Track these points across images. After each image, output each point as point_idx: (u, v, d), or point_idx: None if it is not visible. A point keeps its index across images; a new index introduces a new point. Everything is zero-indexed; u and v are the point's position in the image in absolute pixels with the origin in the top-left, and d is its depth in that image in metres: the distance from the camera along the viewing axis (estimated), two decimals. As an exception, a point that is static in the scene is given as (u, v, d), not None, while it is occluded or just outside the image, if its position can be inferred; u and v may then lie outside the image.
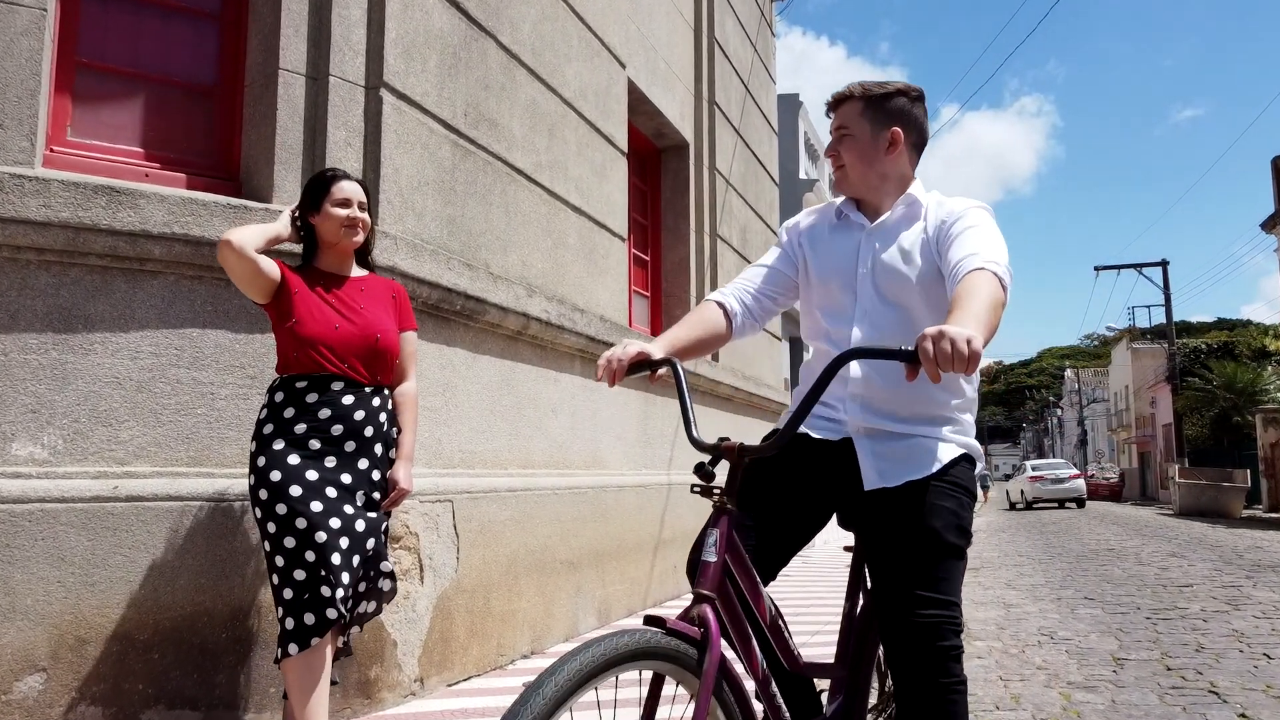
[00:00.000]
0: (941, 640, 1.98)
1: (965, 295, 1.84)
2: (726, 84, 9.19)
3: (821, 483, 2.23)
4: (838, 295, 2.22)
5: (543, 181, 5.36)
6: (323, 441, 2.86)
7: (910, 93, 2.24)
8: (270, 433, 2.85)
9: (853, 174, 2.24)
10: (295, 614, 2.75)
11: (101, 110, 3.62)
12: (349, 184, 3.05)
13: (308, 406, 2.87)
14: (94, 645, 3.03)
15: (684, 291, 8.17)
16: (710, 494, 1.92)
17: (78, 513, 3.05)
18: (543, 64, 5.41)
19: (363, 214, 3.04)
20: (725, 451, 1.92)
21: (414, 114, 4.18)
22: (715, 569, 1.85)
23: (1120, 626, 6.20)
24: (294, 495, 2.76)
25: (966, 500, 2.14)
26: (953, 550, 2.06)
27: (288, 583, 2.76)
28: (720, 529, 1.89)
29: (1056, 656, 5.25)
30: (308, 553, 2.73)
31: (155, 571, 3.15)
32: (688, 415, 1.98)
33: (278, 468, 2.79)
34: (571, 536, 5.29)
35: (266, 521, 2.78)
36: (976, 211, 2.13)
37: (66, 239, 3.13)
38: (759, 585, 2.06)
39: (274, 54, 3.78)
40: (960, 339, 1.62)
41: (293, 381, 2.90)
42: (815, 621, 5.90)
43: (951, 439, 2.16)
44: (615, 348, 2.12)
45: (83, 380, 3.16)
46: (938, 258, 2.11)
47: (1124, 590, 8.20)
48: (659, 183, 8.37)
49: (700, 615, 1.77)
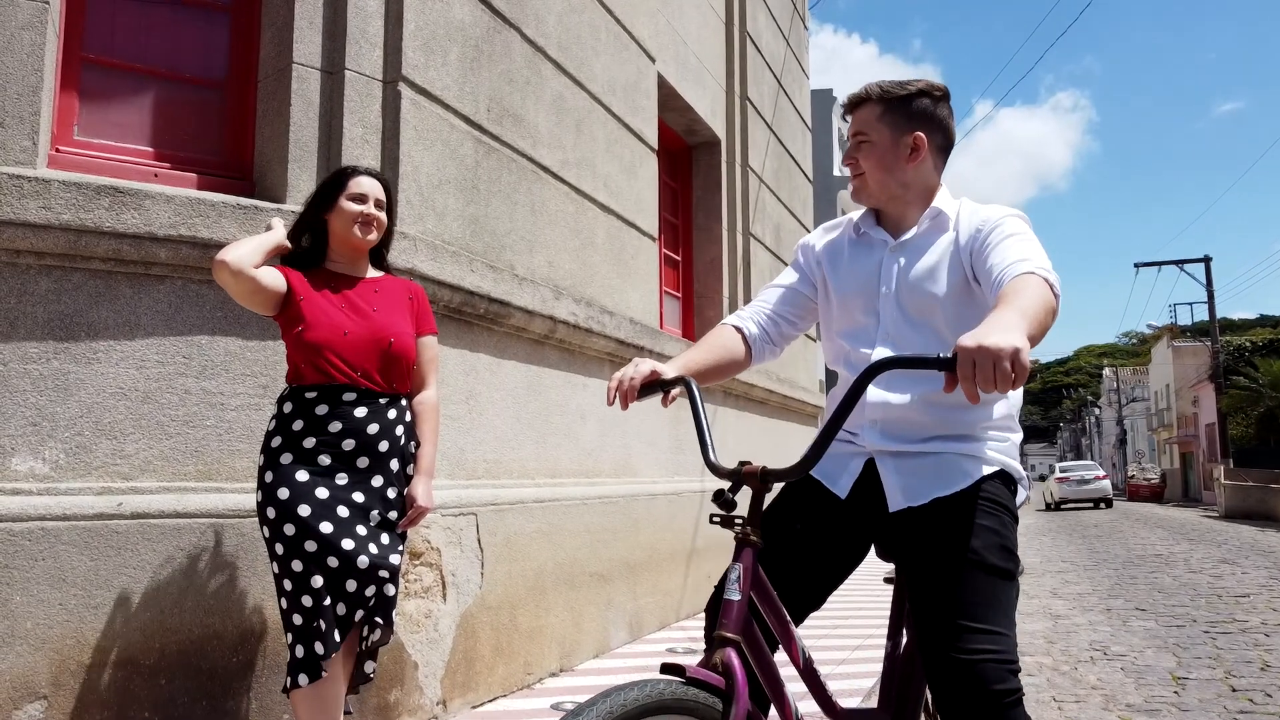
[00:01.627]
0: (994, 682, 1.74)
1: (1013, 292, 1.66)
2: (759, 78, 8.96)
3: (851, 510, 2.03)
4: (859, 316, 2.06)
5: (570, 179, 5.16)
6: (333, 457, 2.67)
7: (934, 92, 2.05)
8: (278, 447, 2.67)
9: (872, 182, 2.07)
10: (305, 642, 2.58)
11: (109, 108, 3.47)
12: (367, 179, 2.86)
13: (317, 419, 2.68)
14: (97, 671, 2.87)
15: (716, 292, 7.95)
16: (731, 525, 1.74)
17: (80, 531, 2.89)
18: (569, 57, 5.22)
19: (379, 212, 2.85)
20: (746, 477, 1.74)
21: (434, 109, 4.01)
22: (739, 608, 1.67)
23: (1177, 641, 5.91)
24: (303, 515, 2.58)
25: (1008, 520, 1.92)
26: (998, 572, 1.84)
27: (296, 608, 2.59)
28: (744, 563, 1.71)
29: (1112, 675, 4.98)
30: (316, 577, 2.56)
31: (162, 592, 2.99)
32: (704, 438, 1.83)
33: (286, 485, 2.61)
34: (601, 548, 5.09)
35: (274, 542, 2.60)
36: (1015, 220, 1.95)
37: (68, 242, 2.97)
38: (790, 626, 1.86)
39: (287, 47, 3.62)
40: (1003, 354, 1.42)
41: (302, 392, 2.71)
42: (843, 648, 5.68)
43: (986, 455, 1.96)
44: (626, 367, 1.96)
45: (85, 391, 3.00)
46: (970, 270, 1.94)
47: (1177, 601, 7.88)
48: (690, 180, 8.16)
49: (724, 661, 1.60)
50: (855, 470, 2.00)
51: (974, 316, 1.91)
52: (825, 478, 2.04)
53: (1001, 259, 1.82)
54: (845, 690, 4.18)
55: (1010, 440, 2.02)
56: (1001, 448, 1.98)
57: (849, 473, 2.01)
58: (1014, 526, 1.93)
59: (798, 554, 2.01)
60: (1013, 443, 2.02)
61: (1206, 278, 32.41)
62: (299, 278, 2.77)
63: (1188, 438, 42.77)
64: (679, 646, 5.29)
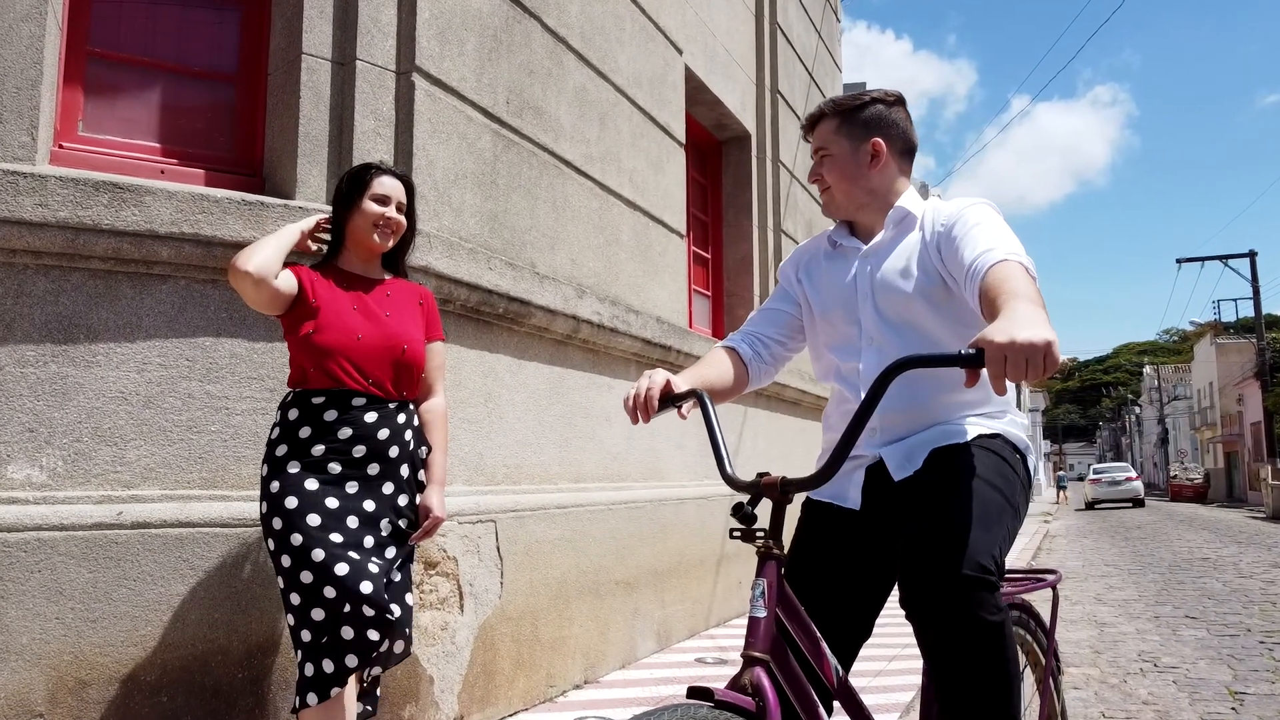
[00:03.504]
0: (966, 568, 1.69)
1: (1008, 286, 1.63)
2: (790, 71, 8.75)
3: (868, 521, 2.00)
4: (843, 327, 2.08)
5: (593, 174, 5.00)
6: (344, 464, 2.54)
7: (886, 99, 2.11)
8: (284, 454, 2.53)
9: (839, 194, 2.11)
10: (314, 659, 2.43)
11: (115, 103, 3.36)
12: (391, 180, 2.72)
13: (326, 425, 2.55)
14: (96, 688, 2.75)
15: (747, 291, 7.76)
16: (753, 539, 1.67)
17: (78, 541, 2.77)
18: (592, 48, 5.06)
19: (399, 216, 2.72)
20: (766, 488, 1.68)
21: (450, 101, 3.86)
22: (767, 625, 1.60)
23: (1231, 652, 5.64)
24: (311, 525, 2.44)
25: (1007, 467, 1.91)
26: (990, 486, 1.83)
27: (305, 623, 2.44)
28: (768, 578, 1.63)
29: (1164, 689, 4.74)
30: (326, 589, 2.41)
31: (164, 606, 2.86)
32: (719, 451, 1.78)
33: (293, 494, 2.47)
34: (628, 554, 4.93)
35: (280, 554, 2.46)
36: (977, 209, 1.95)
37: (65, 240, 2.85)
38: (820, 643, 1.76)
39: (296, 38, 3.48)
40: (1037, 349, 1.41)
41: (308, 397, 2.57)
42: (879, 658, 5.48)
43: (983, 424, 1.98)
44: (641, 381, 1.92)
45: (84, 395, 2.88)
46: (941, 265, 1.95)
47: (1228, 608, 7.58)
48: (720, 176, 7.97)
49: (754, 682, 1.53)
50: (860, 480, 2.01)
51: (953, 312, 1.95)
52: (835, 497, 2.04)
53: (972, 250, 1.81)
54: (882, 705, 3.98)
55: (1010, 416, 2.04)
56: (999, 423, 2.00)
57: (855, 484, 2.01)
58: (1012, 476, 1.91)
59: (831, 585, 1.99)
60: (1013, 419, 2.04)
61: (1252, 273, 31.76)
62: (309, 275, 2.63)
63: (1232, 437, 41.93)
64: (709, 656, 5.11)
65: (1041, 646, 2.45)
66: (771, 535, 1.66)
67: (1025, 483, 1.96)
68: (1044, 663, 2.45)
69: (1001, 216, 1.95)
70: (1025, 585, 2.35)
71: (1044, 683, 2.43)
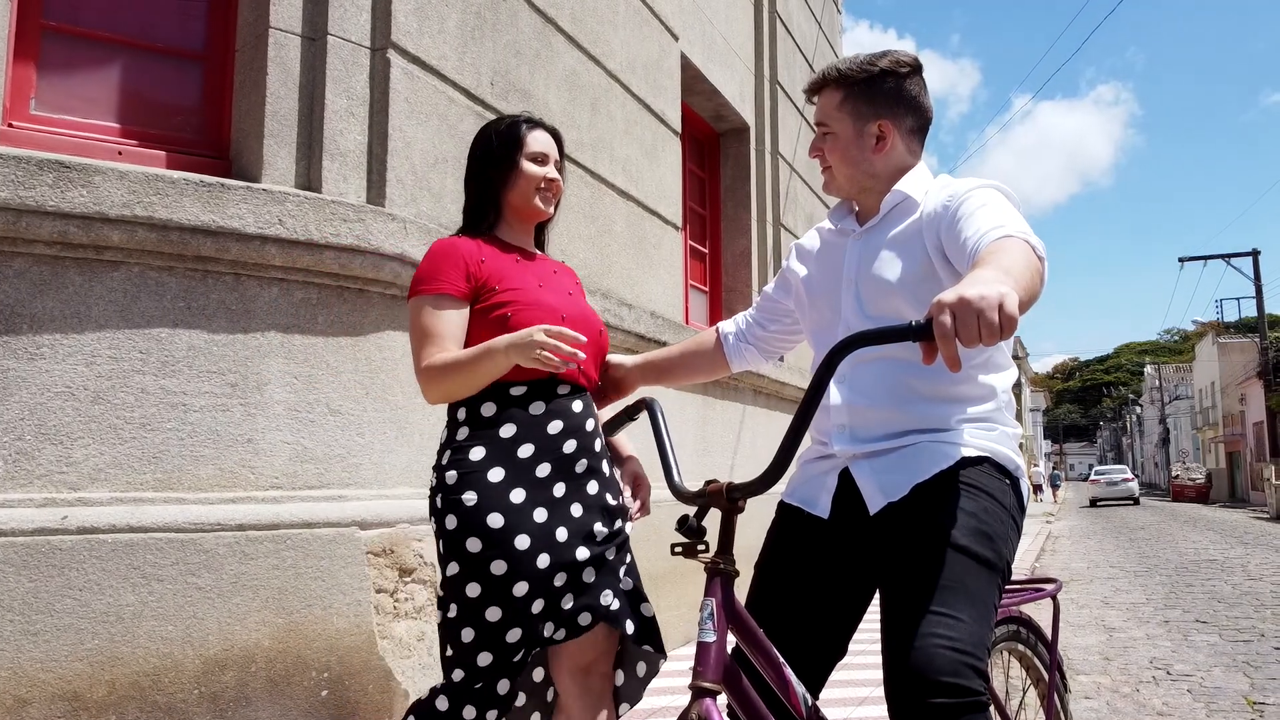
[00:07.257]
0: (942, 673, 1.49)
1: (990, 254, 1.50)
2: (790, 62, 8.54)
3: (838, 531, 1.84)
4: (826, 314, 1.95)
5: (584, 161, 4.80)
6: (554, 465, 2.14)
7: (899, 68, 1.88)
8: (483, 459, 2.09)
9: (839, 176, 1.94)
10: (456, 700, 2.06)
11: (71, 81, 3.15)
12: (544, 135, 2.30)
13: (533, 420, 2.14)
14: (37, 705, 2.54)
15: (746, 285, 7.55)
16: (694, 554, 1.53)
17: (18, 548, 2.56)
18: (583, 30, 4.85)
19: (560, 176, 2.32)
20: (712, 496, 1.52)
21: (429, 80, 3.65)
22: (718, 651, 1.47)
23: (1246, 659, 5.44)
24: (520, 549, 2.03)
25: (992, 506, 1.72)
26: (969, 555, 1.63)
27: (464, 662, 2.05)
28: (715, 598, 1.49)
29: (1178, 698, 4.54)
30: (512, 632, 2.03)
31: (112, 617, 2.65)
32: (667, 459, 1.68)
33: (498, 509, 2.05)
34: (619, 558, 4.72)
35: (467, 581, 2.04)
36: (986, 190, 1.78)
37: (6, 224, 2.64)
38: (783, 668, 1.61)
39: (264, 11, 3.28)
40: (988, 303, 1.25)
41: (506, 389, 2.14)
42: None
43: (966, 441, 1.79)
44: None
45: (27, 390, 2.67)
46: (939, 249, 1.78)
47: (1240, 611, 7.38)
48: (718, 169, 7.77)
49: (702, 716, 1.42)
50: (832, 486, 1.86)
51: None
52: (804, 502, 1.89)
53: (975, 229, 1.66)
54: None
55: (1000, 430, 1.84)
56: (989, 436, 1.81)
57: (827, 490, 1.86)
58: (1001, 514, 1.74)
59: (801, 596, 1.82)
60: (1003, 433, 1.84)
61: (1255, 272, 31.62)
62: (472, 252, 2.20)
63: (1234, 436, 41.76)
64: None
65: (1044, 661, 2.27)
66: (720, 550, 1.50)
67: (1018, 508, 1.81)
68: (1046, 679, 2.27)
69: (1013, 201, 1.77)
70: (1024, 597, 2.19)
71: (1048, 699, 2.25)
